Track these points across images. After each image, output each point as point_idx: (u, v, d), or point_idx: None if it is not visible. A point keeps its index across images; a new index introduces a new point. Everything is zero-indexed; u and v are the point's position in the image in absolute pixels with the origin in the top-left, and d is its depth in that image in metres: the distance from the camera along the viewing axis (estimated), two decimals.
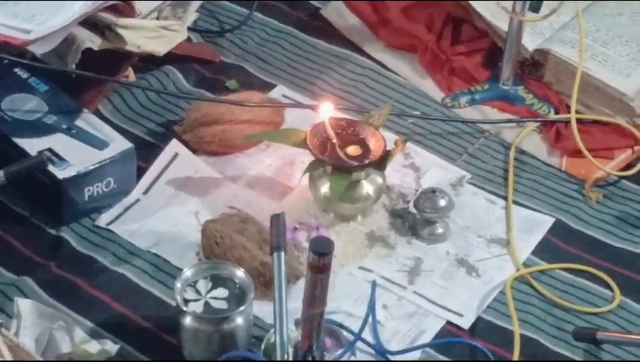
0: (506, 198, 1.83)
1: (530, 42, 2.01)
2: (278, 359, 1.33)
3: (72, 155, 1.70)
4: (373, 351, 1.58)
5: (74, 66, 1.81)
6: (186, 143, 1.84)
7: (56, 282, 1.63)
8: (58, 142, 1.72)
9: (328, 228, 1.73)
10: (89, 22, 1.82)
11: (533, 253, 1.75)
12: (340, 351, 1.53)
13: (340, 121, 1.76)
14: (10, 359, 1.12)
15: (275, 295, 1.38)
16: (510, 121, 1.98)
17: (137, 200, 1.77)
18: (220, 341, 1.51)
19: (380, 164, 1.73)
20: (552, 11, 1.91)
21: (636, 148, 1.93)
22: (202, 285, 1.55)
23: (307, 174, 1.74)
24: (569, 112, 1.92)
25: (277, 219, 1.46)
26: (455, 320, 1.64)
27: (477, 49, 2.08)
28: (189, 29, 1.98)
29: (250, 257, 1.60)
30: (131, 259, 1.67)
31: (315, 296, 1.24)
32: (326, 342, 1.53)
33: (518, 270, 1.71)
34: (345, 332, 1.57)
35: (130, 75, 1.95)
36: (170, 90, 1.96)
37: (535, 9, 1.88)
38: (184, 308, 1.51)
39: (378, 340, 1.59)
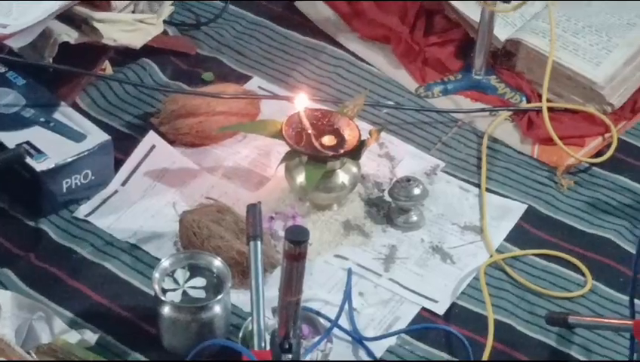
0: (479, 186, 1.84)
1: (502, 32, 2.02)
2: (256, 347, 1.33)
3: (50, 148, 1.69)
4: (349, 338, 1.58)
5: (51, 60, 1.81)
6: (163, 135, 1.84)
7: (36, 273, 1.63)
8: (36, 135, 1.71)
9: (304, 217, 1.73)
10: (65, 16, 1.81)
11: (506, 239, 1.76)
12: (317, 338, 1.54)
13: (315, 111, 1.76)
14: None
15: (252, 283, 1.38)
16: (483, 110, 1.98)
17: (115, 192, 1.76)
18: (198, 329, 1.51)
19: (355, 153, 1.73)
20: (523, 1, 1.92)
21: (606, 135, 1.93)
22: (180, 275, 1.55)
23: (283, 164, 1.74)
24: (540, 101, 1.93)
25: (253, 209, 1.46)
26: (430, 306, 1.64)
27: (449, 40, 2.08)
28: (164, 22, 1.98)
29: (228, 247, 1.60)
30: (110, 250, 1.67)
31: (292, 284, 1.24)
32: (303, 330, 1.53)
33: (491, 256, 1.72)
34: (322, 320, 1.57)
35: (107, 68, 1.94)
36: (147, 82, 1.96)
37: None
38: (162, 298, 1.51)
39: (354, 327, 1.59)
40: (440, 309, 1.64)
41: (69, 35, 1.81)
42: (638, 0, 2.08)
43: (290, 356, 1.29)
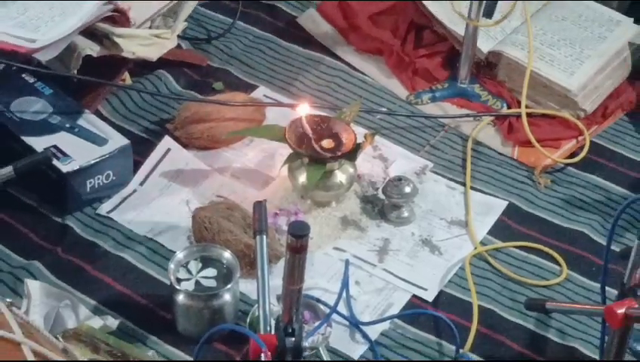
0: (464, 184, 1.84)
1: (485, 45, 2.01)
2: (262, 331, 1.33)
3: (74, 151, 1.69)
4: (347, 323, 1.58)
5: (76, 72, 1.80)
6: (177, 139, 1.84)
7: (62, 265, 1.63)
8: (62, 139, 1.71)
9: (306, 213, 1.73)
10: (89, 31, 1.81)
11: (489, 233, 1.76)
12: (317, 323, 1.54)
13: (315, 117, 1.76)
14: (20, 334, 1.12)
15: (258, 274, 1.38)
16: (467, 115, 1.98)
17: (134, 191, 1.76)
18: (210, 315, 1.52)
19: (352, 155, 1.73)
20: (504, 17, 1.92)
21: (580, 138, 1.93)
22: (193, 266, 1.55)
23: (286, 165, 1.74)
24: (520, 107, 1.93)
25: (259, 206, 1.46)
26: (420, 293, 1.64)
27: (437, 52, 2.08)
28: (178, 36, 1.98)
29: (236, 240, 1.60)
30: (129, 244, 1.67)
31: (294, 274, 1.24)
32: (305, 315, 1.54)
33: (475, 248, 1.72)
34: (322, 306, 1.58)
35: (127, 78, 1.94)
36: (163, 91, 1.96)
37: (488, 15, 1.88)
38: (177, 287, 1.51)
39: (351, 312, 1.59)
40: (429, 296, 1.64)
41: (92, 48, 1.80)
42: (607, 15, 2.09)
43: (293, 339, 1.29)
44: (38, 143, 1.69)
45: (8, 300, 1.19)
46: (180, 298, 1.51)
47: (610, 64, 2.00)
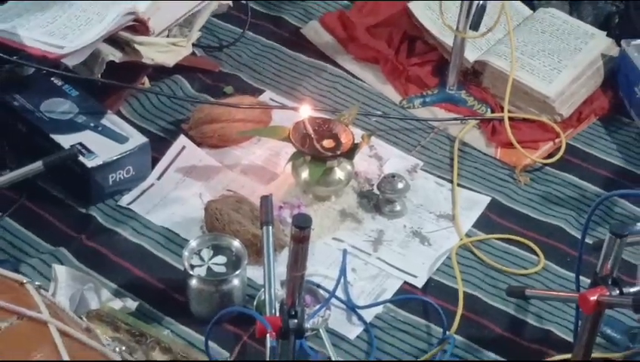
0: (451, 182, 1.83)
1: (471, 55, 2.01)
2: (268, 313, 1.33)
3: (98, 148, 1.69)
4: (344, 306, 1.58)
5: (99, 75, 1.80)
6: (191, 138, 1.83)
7: (86, 251, 1.62)
8: (87, 137, 1.70)
9: (308, 206, 1.72)
10: (112, 39, 1.81)
11: (474, 225, 1.75)
12: (317, 306, 1.54)
13: (316, 119, 1.76)
14: (47, 314, 1.11)
15: (264, 261, 1.38)
16: (455, 119, 1.97)
17: (152, 185, 1.76)
18: (220, 298, 1.51)
19: (350, 154, 1.72)
20: (489, 30, 1.91)
21: (557, 140, 1.93)
22: (205, 253, 1.55)
23: (290, 163, 1.74)
24: (502, 112, 1.92)
25: (266, 200, 1.46)
26: (411, 280, 1.64)
27: (428, 60, 2.07)
28: (193, 45, 1.98)
29: (244, 230, 1.60)
30: (147, 233, 1.67)
31: (297, 262, 1.24)
32: (306, 299, 1.54)
33: (461, 240, 1.71)
34: (322, 291, 1.58)
35: (146, 82, 1.94)
36: (178, 94, 1.95)
37: (475, 28, 1.87)
38: (191, 272, 1.51)
39: (348, 297, 1.59)
40: (419, 283, 1.64)
41: (114, 55, 1.80)
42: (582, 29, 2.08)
43: (295, 321, 1.28)
44: (65, 141, 1.69)
45: (37, 283, 1.19)
46: (193, 282, 1.51)
47: (585, 73, 2.00)
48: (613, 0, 2.16)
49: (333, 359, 1.48)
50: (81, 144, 1.69)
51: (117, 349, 1.14)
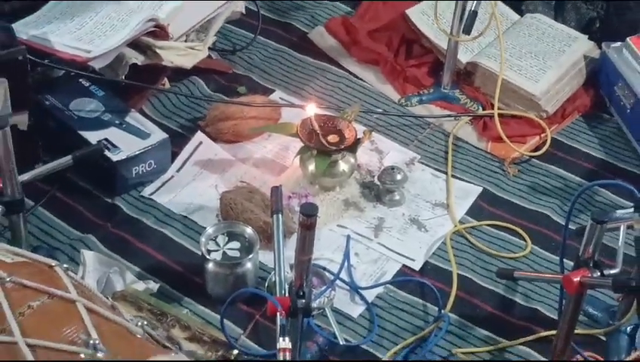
0: (446, 173, 1.84)
1: (464, 57, 2.01)
2: (278, 294, 1.33)
3: (122, 143, 1.70)
4: (348, 287, 1.59)
5: (123, 77, 1.80)
6: (207, 134, 1.84)
7: (112, 238, 1.63)
8: (112, 133, 1.71)
9: (314, 196, 1.73)
10: (134, 44, 1.81)
11: (467, 213, 1.76)
12: (323, 287, 1.55)
13: (322, 116, 1.76)
14: (75, 293, 1.12)
15: (274, 246, 1.38)
16: (449, 115, 1.97)
17: (172, 177, 1.76)
18: (234, 280, 1.52)
19: (353, 148, 1.73)
20: (480, 34, 1.91)
21: (543, 135, 1.93)
22: (221, 239, 1.56)
23: (298, 156, 1.74)
24: (493, 109, 1.92)
25: (276, 190, 1.45)
26: (409, 263, 1.65)
27: (424, 62, 2.07)
28: (209, 48, 1.97)
29: (256, 218, 1.60)
30: (168, 221, 1.68)
31: (305, 247, 1.24)
32: (313, 281, 1.54)
33: (455, 226, 1.72)
34: (327, 274, 1.58)
35: (166, 83, 1.94)
36: (196, 94, 1.95)
37: (467, 32, 1.87)
38: (207, 257, 1.52)
39: (352, 279, 1.60)
40: (416, 266, 1.64)
41: (137, 58, 1.80)
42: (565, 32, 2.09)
43: (303, 301, 1.29)
44: (92, 137, 1.70)
45: (65, 266, 1.20)
46: (210, 266, 1.52)
47: (569, 73, 2.00)
48: (595, 6, 2.17)
49: (337, 335, 1.49)
50: (106, 140, 1.70)
51: (139, 324, 1.14)
